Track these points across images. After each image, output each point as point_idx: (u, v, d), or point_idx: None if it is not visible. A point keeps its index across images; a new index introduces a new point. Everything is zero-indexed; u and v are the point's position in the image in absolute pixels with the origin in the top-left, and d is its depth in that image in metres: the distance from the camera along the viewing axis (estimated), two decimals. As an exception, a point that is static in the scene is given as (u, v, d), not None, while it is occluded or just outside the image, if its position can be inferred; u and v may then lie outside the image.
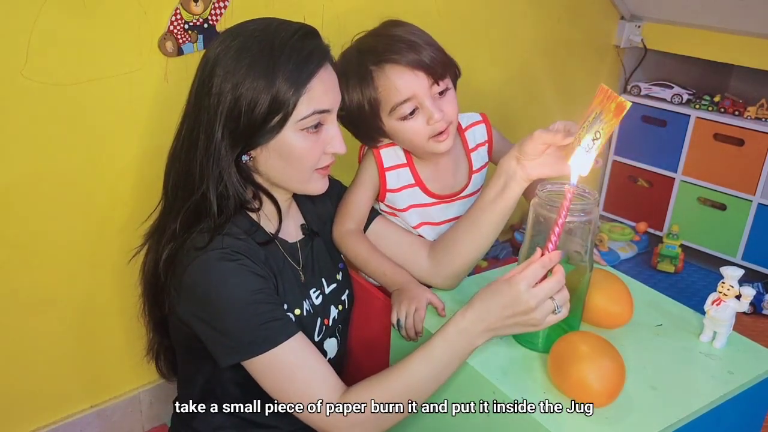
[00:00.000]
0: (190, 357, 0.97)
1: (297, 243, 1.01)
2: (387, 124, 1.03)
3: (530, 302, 0.77)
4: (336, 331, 1.04)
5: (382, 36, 1.01)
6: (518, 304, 0.78)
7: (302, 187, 0.94)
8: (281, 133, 0.87)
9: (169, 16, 1.18)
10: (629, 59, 2.36)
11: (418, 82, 0.98)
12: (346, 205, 1.11)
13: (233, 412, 0.96)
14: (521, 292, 0.78)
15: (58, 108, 1.10)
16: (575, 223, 0.82)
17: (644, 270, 2.27)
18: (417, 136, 1.02)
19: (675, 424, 0.75)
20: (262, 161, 0.90)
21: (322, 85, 0.88)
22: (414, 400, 0.84)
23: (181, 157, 0.90)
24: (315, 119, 0.88)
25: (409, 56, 0.97)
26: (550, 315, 0.79)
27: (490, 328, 0.81)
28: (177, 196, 0.91)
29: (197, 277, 0.85)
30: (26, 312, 1.18)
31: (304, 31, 0.88)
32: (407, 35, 1.00)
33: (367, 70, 0.99)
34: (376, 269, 1.06)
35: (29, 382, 1.24)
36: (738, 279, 0.86)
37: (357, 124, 1.05)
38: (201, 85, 0.87)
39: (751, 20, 1.99)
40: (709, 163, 2.21)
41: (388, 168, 1.10)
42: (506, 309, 0.79)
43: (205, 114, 0.86)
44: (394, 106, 1.00)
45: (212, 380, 0.95)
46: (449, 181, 1.14)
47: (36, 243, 1.16)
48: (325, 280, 1.04)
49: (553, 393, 0.79)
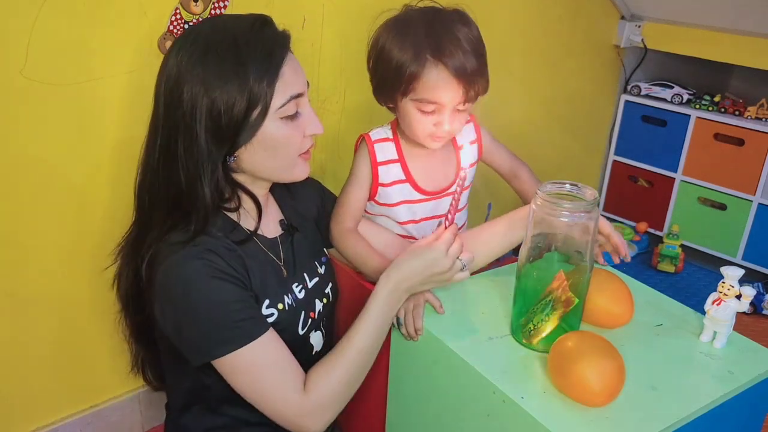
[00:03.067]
0: (175, 360, 0.97)
1: (277, 238, 1.02)
2: (403, 101, 1.05)
3: (446, 263, 0.92)
4: (321, 324, 1.04)
5: (450, 33, 1.01)
6: (438, 264, 0.92)
7: (288, 174, 0.95)
8: (263, 125, 0.88)
9: (169, 16, 1.18)
10: (629, 59, 2.36)
11: (454, 93, 1.02)
12: (345, 203, 1.11)
13: (223, 413, 0.96)
14: (442, 254, 0.92)
15: (57, 108, 1.10)
16: (575, 223, 0.82)
17: (644, 270, 2.27)
18: (419, 128, 1.06)
19: (675, 424, 0.75)
20: (247, 158, 0.91)
21: (291, 70, 0.89)
22: (365, 367, 0.94)
23: (159, 170, 0.90)
24: (293, 106, 0.89)
25: (459, 66, 1.00)
26: (459, 273, 0.94)
27: (412, 287, 0.94)
28: (155, 207, 0.91)
29: (168, 276, 0.85)
30: (23, 312, 1.18)
31: (260, 22, 0.89)
32: (468, 42, 1.01)
33: (424, 55, 1.00)
34: (376, 269, 1.06)
35: (28, 383, 1.24)
36: (738, 279, 0.86)
37: (383, 76, 1.06)
38: (169, 96, 0.87)
39: (751, 20, 1.99)
40: (709, 163, 2.21)
41: (381, 162, 1.13)
42: (427, 269, 0.92)
43: (180, 124, 0.86)
44: (423, 99, 1.03)
45: (198, 382, 0.95)
46: (438, 177, 1.17)
47: (36, 243, 1.16)
48: (307, 274, 1.04)
49: (553, 393, 0.79)
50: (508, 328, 0.92)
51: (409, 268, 0.93)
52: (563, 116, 2.26)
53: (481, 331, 0.91)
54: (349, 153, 1.18)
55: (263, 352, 0.87)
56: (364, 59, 1.08)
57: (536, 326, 0.86)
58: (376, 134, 1.14)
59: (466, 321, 0.94)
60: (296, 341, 0.97)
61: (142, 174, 0.93)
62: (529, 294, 0.87)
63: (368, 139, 1.13)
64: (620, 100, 2.39)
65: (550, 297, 0.84)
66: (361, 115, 1.56)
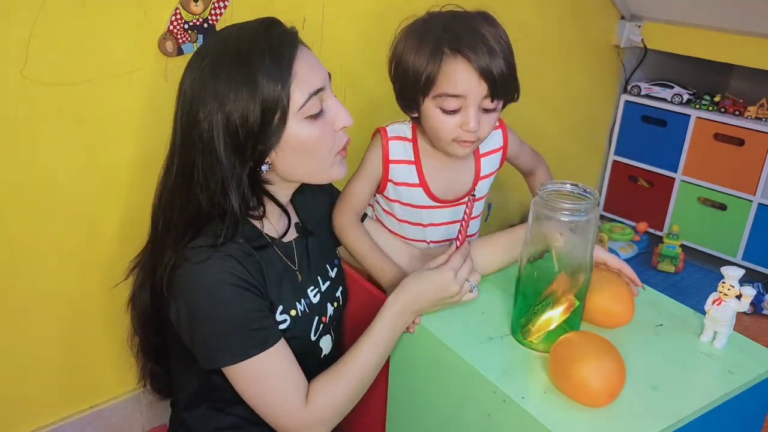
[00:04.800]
0: (186, 360, 0.97)
1: (292, 242, 1.01)
2: (425, 104, 1.01)
3: (455, 288, 0.92)
4: (331, 329, 1.04)
5: (472, 30, 0.98)
6: (447, 289, 0.92)
7: (326, 174, 0.94)
8: (287, 128, 0.86)
9: (169, 15, 1.18)
10: (629, 59, 2.36)
11: (477, 88, 0.97)
12: (349, 195, 1.10)
13: (231, 412, 0.96)
14: (450, 280, 0.92)
15: (57, 108, 1.10)
16: (575, 222, 0.82)
17: (644, 270, 2.27)
18: (444, 131, 1.01)
19: (675, 424, 0.75)
20: (281, 164, 0.89)
21: (305, 66, 0.86)
22: (366, 383, 0.94)
23: (175, 192, 0.89)
24: (315, 102, 0.87)
25: (482, 61, 0.96)
26: (468, 293, 0.94)
27: (420, 309, 0.93)
28: (172, 227, 0.89)
29: (187, 280, 0.85)
30: (22, 313, 1.18)
31: (265, 25, 0.87)
32: (493, 41, 0.97)
33: (441, 49, 0.97)
34: (374, 264, 1.06)
35: (28, 383, 1.24)
36: (738, 279, 0.86)
37: (403, 80, 1.03)
38: (186, 117, 0.86)
39: (751, 20, 1.99)
40: (709, 163, 2.20)
41: (393, 161, 1.09)
42: (436, 293, 0.92)
43: (198, 143, 0.85)
44: (443, 94, 0.98)
45: (208, 382, 0.95)
46: (453, 184, 1.13)
47: (35, 243, 1.16)
48: (320, 277, 1.04)
49: (554, 393, 0.79)
50: (508, 328, 0.92)
51: (417, 291, 0.92)
52: (563, 116, 2.26)
53: (482, 331, 0.91)
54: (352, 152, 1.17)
55: (271, 362, 0.88)
56: (364, 58, 1.08)
57: (537, 327, 0.86)
58: (394, 130, 1.10)
59: (466, 321, 0.94)
60: (308, 346, 0.98)
61: (161, 196, 0.92)
62: (529, 294, 0.87)
63: (384, 133, 1.10)
64: (620, 100, 2.39)
65: (550, 298, 0.84)
66: (362, 114, 1.55)
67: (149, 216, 0.96)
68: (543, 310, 0.85)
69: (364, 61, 1.53)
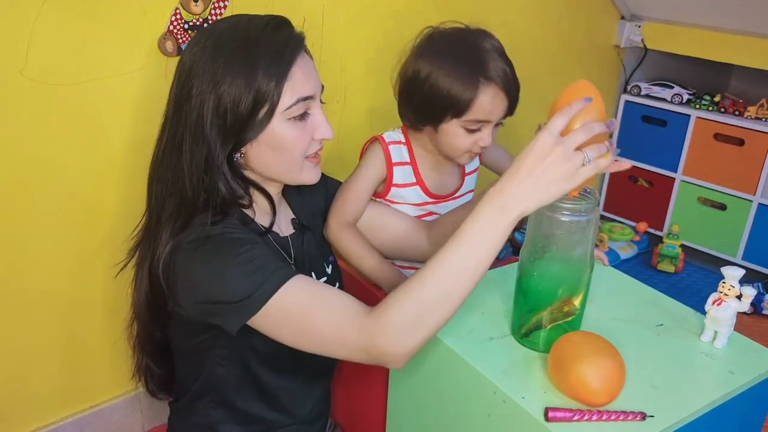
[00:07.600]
0: (190, 357, 0.97)
1: (288, 237, 1.01)
2: (449, 123, 1.07)
3: (556, 149, 0.72)
4: None
5: (487, 51, 1.06)
6: (543, 151, 0.73)
7: (295, 177, 0.94)
8: (270, 124, 0.87)
9: (169, 15, 1.18)
10: (629, 59, 2.36)
11: (502, 112, 1.08)
12: (346, 199, 1.11)
13: (233, 407, 0.96)
14: (544, 138, 0.73)
15: (58, 108, 1.10)
16: (575, 222, 0.82)
17: (644, 270, 2.27)
18: (461, 147, 1.10)
19: (675, 424, 0.75)
20: (253, 156, 0.90)
21: (302, 71, 0.88)
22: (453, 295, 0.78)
23: (165, 164, 0.90)
24: (301, 107, 0.88)
25: (509, 88, 1.06)
26: (582, 167, 0.74)
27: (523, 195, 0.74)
28: (165, 205, 0.90)
29: (193, 245, 0.85)
30: (22, 312, 1.18)
31: (275, 23, 0.89)
32: (502, 55, 1.07)
33: (477, 78, 1.04)
34: (372, 267, 1.07)
35: (28, 383, 1.24)
36: (739, 279, 0.86)
37: (431, 103, 1.07)
38: (180, 90, 0.87)
39: (751, 20, 1.99)
40: (709, 163, 2.20)
41: (396, 163, 1.14)
42: (537, 162, 0.73)
43: (188, 118, 0.86)
44: (474, 120, 1.06)
45: (212, 373, 0.95)
46: (446, 182, 1.21)
47: (35, 243, 1.16)
48: (315, 274, 1.04)
49: (553, 393, 0.79)
50: (508, 328, 0.92)
51: (514, 172, 0.75)
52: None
53: (482, 331, 0.91)
54: (350, 153, 1.18)
55: (310, 284, 0.84)
56: (364, 59, 1.09)
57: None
58: (390, 137, 1.16)
59: (466, 321, 0.94)
60: None
61: (153, 169, 0.93)
62: (530, 294, 0.87)
63: (383, 140, 1.15)
64: (620, 100, 2.39)
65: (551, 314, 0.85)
66: (361, 114, 1.56)
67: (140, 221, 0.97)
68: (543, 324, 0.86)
69: (363, 60, 1.53)
